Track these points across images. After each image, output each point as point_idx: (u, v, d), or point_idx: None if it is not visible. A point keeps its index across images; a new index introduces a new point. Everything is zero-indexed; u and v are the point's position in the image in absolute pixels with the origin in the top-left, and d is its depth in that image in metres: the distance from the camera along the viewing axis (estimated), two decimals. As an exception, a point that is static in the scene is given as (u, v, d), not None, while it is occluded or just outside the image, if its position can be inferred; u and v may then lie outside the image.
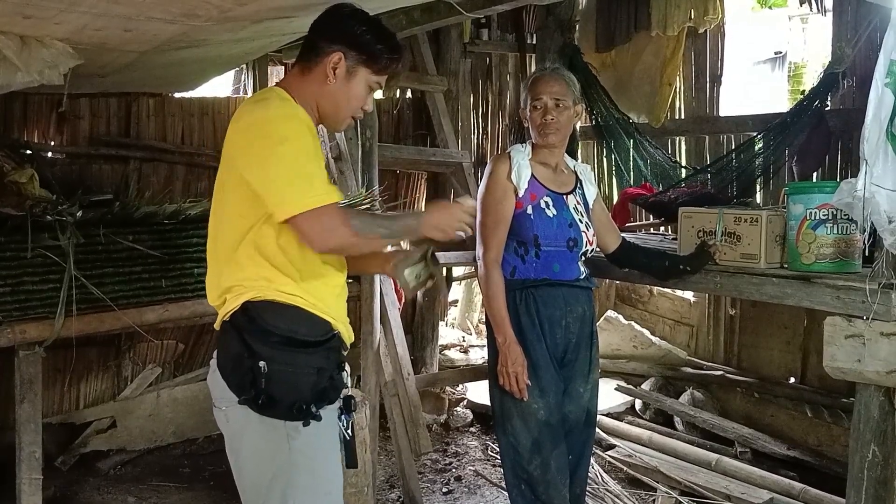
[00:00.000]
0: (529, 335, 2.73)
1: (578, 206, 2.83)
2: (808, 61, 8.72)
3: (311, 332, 1.98)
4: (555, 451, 2.74)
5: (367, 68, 2.04)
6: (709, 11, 4.50)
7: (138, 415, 4.38)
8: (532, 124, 2.77)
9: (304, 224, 1.85)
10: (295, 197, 1.84)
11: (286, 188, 1.85)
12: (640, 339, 5.15)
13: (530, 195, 2.74)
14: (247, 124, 1.92)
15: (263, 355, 1.91)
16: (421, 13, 3.33)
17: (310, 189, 1.85)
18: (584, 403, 2.84)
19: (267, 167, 1.86)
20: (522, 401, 2.71)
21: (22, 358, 2.90)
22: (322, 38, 2.03)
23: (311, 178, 1.87)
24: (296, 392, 1.93)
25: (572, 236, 2.75)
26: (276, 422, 1.93)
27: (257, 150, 1.87)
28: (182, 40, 2.76)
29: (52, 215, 2.95)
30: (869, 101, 2.33)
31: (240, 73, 4.97)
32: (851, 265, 2.73)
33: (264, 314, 1.93)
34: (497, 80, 5.65)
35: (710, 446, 4.27)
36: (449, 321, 7.02)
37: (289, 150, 1.86)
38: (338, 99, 2.04)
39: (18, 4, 2.14)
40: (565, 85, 2.75)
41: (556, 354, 2.77)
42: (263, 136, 1.87)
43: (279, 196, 1.85)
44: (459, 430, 4.93)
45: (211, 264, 2.07)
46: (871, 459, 2.55)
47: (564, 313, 2.75)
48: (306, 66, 2.04)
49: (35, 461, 2.93)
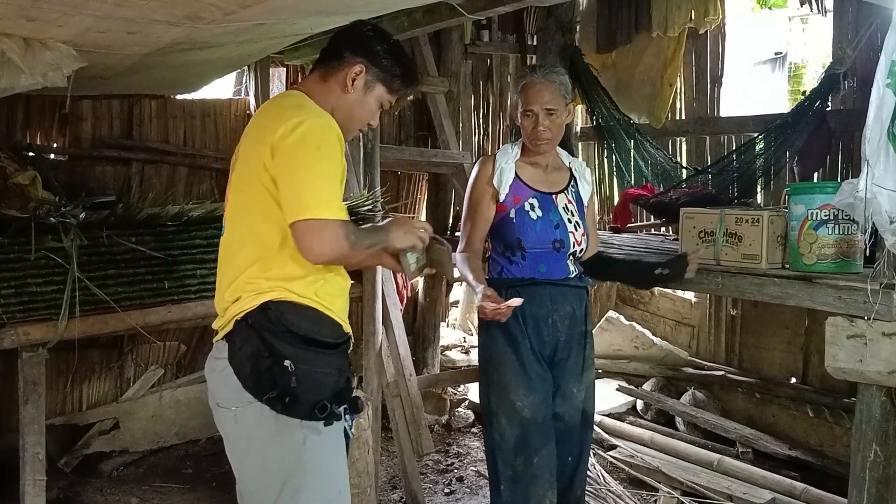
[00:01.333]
0: (514, 332, 2.71)
1: (569, 206, 2.81)
2: (808, 62, 8.73)
3: (331, 333, 2.02)
4: (542, 449, 2.69)
5: (384, 86, 2.12)
6: (709, 12, 4.50)
7: (141, 416, 4.39)
8: (523, 131, 2.77)
9: (308, 230, 1.88)
10: (310, 204, 1.88)
11: (306, 195, 1.89)
12: (641, 339, 5.16)
13: (513, 198, 2.75)
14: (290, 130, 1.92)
15: (287, 355, 1.92)
16: (423, 15, 3.34)
17: (328, 202, 1.90)
18: (578, 404, 2.80)
19: (297, 173, 1.90)
20: (507, 399, 2.70)
21: (25, 359, 2.91)
22: (346, 48, 2.09)
23: (326, 190, 1.91)
24: (319, 392, 1.95)
25: (558, 237, 2.74)
26: (292, 422, 1.93)
27: (295, 157, 1.90)
28: (185, 42, 2.76)
29: (55, 217, 2.95)
30: (870, 101, 2.34)
31: (241, 75, 4.97)
32: (853, 265, 2.74)
33: (287, 314, 1.95)
34: (498, 82, 5.66)
35: (711, 447, 4.27)
36: (450, 322, 7.03)
37: (325, 163, 1.92)
38: (353, 110, 2.10)
39: (22, 7, 2.15)
40: (556, 92, 2.71)
41: (544, 353, 2.75)
42: (304, 145, 1.90)
43: (297, 200, 1.89)
44: (461, 431, 4.93)
45: (225, 262, 2.07)
46: (873, 459, 2.56)
47: (550, 311, 2.73)
48: (327, 72, 2.10)
49: (39, 462, 2.93)
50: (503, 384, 2.73)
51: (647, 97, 5.05)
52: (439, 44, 5.09)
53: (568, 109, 2.78)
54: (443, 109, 4.77)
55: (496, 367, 2.76)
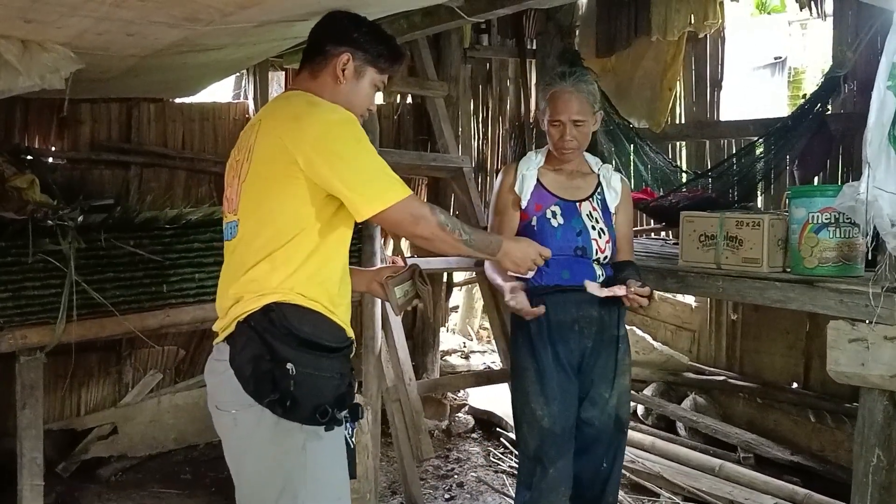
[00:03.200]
0: (537, 343, 2.71)
1: (594, 213, 2.77)
2: (807, 66, 8.73)
3: (333, 337, 2.00)
4: (559, 461, 2.70)
5: (374, 67, 2.11)
6: (709, 16, 4.50)
7: (139, 421, 4.37)
8: (550, 138, 2.74)
9: (395, 216, 1.94)
10: (380, 193, 1.93)
11: (370, 186, 1.92)
12: (641, 344, 5.14)
13: (535, 206, 2.74)
14: (324, 126, 1.92)
15: (289, 357, 1.90)
16: (422, 17, 3.33)
17: (391, 184, 1.95)
18: (609, 409, 2.76)
19: (353, 167, 1.91)
20: (529, 406, 2.72)
21: (23, 364, 2.90)
22: (328, 41, 2.08)
23: (387, 174, 1.96)
24: (320, 396, 1.93)
25: (580, 245, 2.71)
26: (292, 426, 1.91)
27: (338, 152, 1.90)
28: (184, 45, 2.76)
29: (53, 220, 2.95)
30: (871, 104, 2.33)
31: (240, 79, 4.98)
32: (854, 269, 2.73)
33: (290, 317, 1.93)
34: (497, 86, 5.67)
35: (712, 452, 4.26)
36: (450, 327, 7.02)
37: (364, 149, 1.94)
38: (350, 99, 2.07)
39: (20, 9, 2.14)
40: (585, 101, 2.69)
41: (572, 361, 2.73)
42: (339, 138, 1.92)
43: (364, 194, 1.92)
44: (461, 436, 4.92)
45: (232, 259, 2.04)
46: (876, 464, 2.55)
47: (576, 318, 2.69)
48: (314, 69, 2.08)
49: (36, 467, 2.92)
50: (525, 392, 2.74)
51: (647, 101, 5.05)
52: (438, 48, 5.08)
53: (595, 118, 2.75)
54: (442, 113, 4.76)
55: (519, 374, 2.78)
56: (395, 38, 2.20)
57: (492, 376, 4.81)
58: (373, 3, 2.50)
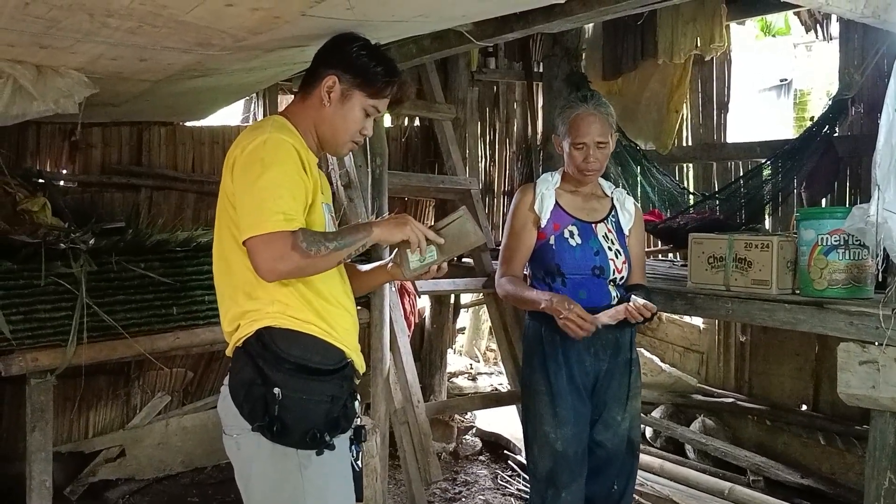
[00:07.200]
0: (551, 365, 2.71)
1: (609, 234, 2.78)
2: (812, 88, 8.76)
3: (324, 359, 1.98)
4: (572, 485, 2.69)
5: (362, 91, 2.04)
6: (715, 39, 4.52)
7: (147, 443, 4.36)
8: (572, 161, 2.75)
9: (253, 249, 1.82)
10: (252, 221, 1.82)
11: (250, 213, 1.84)
12: (649, 366, 5.12)
13: (553, 225, 2.75)
14: (241, 151, 1.91)
15: (277, 382, 1.90)
16: (431, 42, 3.35)
17: (271, 215, 1.81)
18: (622, 432, 2.77)
19: (244, 193, 1.86)
20: (542, 429, 2.71)
21: (33, 386, 2.89)
22: (320, 63, 2.06)
23: (277, 203, 1.82)
24: (309, 420, 1.91)
25: (598, 264, 2.72)
26: (288, 450, 1.91)
27: (243, 176, 1.88)
28: (196, 69, 2.79)
29: (65, 243, 2.96)
30: (880, 126, 2.34)
31: (249, 103, 5.01)
32: (864, 290, 2.73)
33: (279, 341, 1.92)
34: (504, 108, 5.71)
35: (722, 475, 4.23)
36: (457, 349, 7.01)
37: (268, 177, 1.84)
38: (334, 123, 2.05)
39: (35, 35, 2.17)
40: (606, 123, 2.71)
41: (586, 384, 2.73)
42: (250, 163, 1.87)
43: (242, 220, 1.85)
44: (469, 459, 4.89)
45: (223, 290, 2.04)
46: (888, 487, 2.53)
47: (592, 340, 2.66)
48: (305, 92, 2.07)
49: (45, 490, 2.91)
50: (538, 414, 2.74)
51: (654, 123, 5.07)
52: (446, 71, 5.12)
53: (613, 139, 2.78)
54: (450, 136, 4.79)
55: (532, 396, 2.77)
56: (393, 62, 2.11)
57: (500, 398, 4.80)
58: (383, 28, 2.52)
